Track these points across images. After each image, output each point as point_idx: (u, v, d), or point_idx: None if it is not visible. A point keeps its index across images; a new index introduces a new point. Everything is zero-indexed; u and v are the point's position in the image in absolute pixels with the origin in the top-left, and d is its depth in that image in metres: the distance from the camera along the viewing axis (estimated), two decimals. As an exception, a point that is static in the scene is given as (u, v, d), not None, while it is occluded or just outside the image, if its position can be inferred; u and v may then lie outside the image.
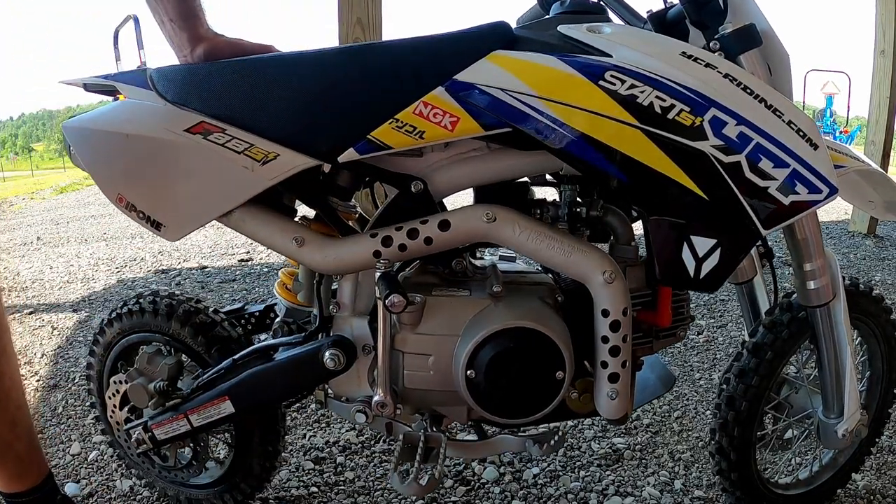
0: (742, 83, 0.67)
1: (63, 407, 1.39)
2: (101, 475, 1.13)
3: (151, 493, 1.06)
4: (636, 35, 0.73)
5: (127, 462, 1.05)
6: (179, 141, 0.75)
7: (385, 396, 0.74)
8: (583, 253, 0.71)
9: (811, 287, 0.83)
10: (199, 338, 0.94)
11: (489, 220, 0.73)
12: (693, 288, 0.72)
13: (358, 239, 0.76)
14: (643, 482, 1.08)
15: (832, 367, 0.86)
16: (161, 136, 0.76)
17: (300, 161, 0.76)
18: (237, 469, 1.00)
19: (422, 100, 0.72)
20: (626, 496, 1.04)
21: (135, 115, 0.79)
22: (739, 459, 0.92)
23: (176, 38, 0.81)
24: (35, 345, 1.75)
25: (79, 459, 1.19)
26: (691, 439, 1.20)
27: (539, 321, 0.71)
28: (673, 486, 1.07)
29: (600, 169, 0.70)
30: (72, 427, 1.30)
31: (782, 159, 0.66)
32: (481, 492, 1.06)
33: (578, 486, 1.06)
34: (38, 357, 1.67)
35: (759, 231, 0.67)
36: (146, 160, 0.77)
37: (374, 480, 1.10)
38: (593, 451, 1.15)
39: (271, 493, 1.07)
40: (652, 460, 1.13)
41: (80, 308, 2.08)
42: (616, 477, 1.08)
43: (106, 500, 1.06)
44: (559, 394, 0.72)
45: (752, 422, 0.91)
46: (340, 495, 1.06)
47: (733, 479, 0.93)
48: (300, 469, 1.13)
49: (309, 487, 1.08)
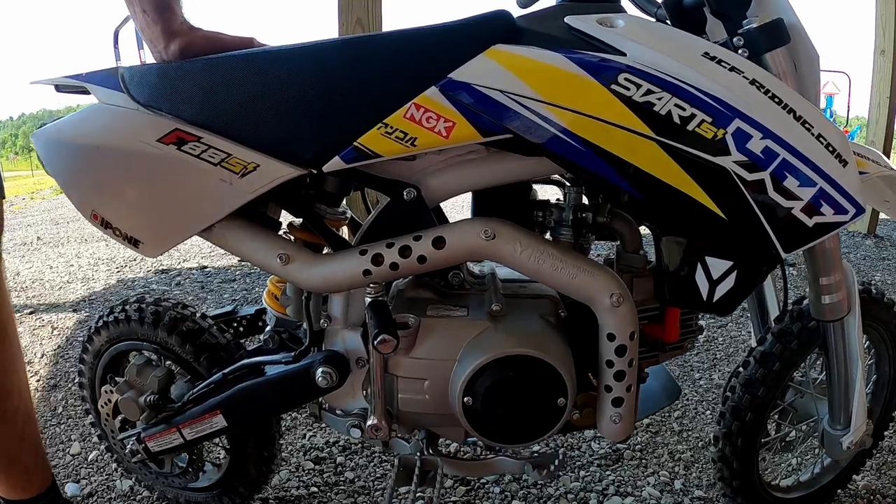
0: (770, 91, 0.60)
1: (63, 407, 1.38)
2: (101, 475, 1.13)
3: (151, 494, 1.06)
4: (653, 30, 0.65)
5: (125, 466, 1.05)
6: (152, 153, 0.69)
7: (379, 421, 0.71)
8: (589, 274, 0.67)
9: (826, 302, 0.79)
10: (187, 346, 0.91)
11: (488, 237, 0.67)
12: (704, 310, 0.68)
13: (346, 257, 0.71)
14: (643, 482, 1.07)
15: (841, 381, 0.82)
16: (132, 148, 0.69)
17: (282, 172, 0.70)
18: (234, 473, 0.99)
19: (413, 101, 0.65)
20: (626, 496, 1.04)
21: (105, 124, 0.72)
22: (742, 468, 0.91)
23: (149, 31, 0.73)
24: (35, 345, 1.73)
25: (79, 459, 1.18)
26: (691, 439, 1.19)
27: (540, 347, 0.67)
28: (673, 486, 1.06)
29: (611, 182, 0.64)
30: (72, 427, 1.30)
31: (809, 177, 0.60)
32: (481, 492, 1.06)
33: (578, 486, 1.06)
34: (38, 357, 1.66)
35: (779, 254, 0.62)
36: (118, 174, 0.71)
37: (374, 480, 1.09)
38: (593, 451, 1.14)
39: (271, 493, 1.07)
40: (652, 460, 1.12)
41: (80, 308, 2.06)
42: (616, 477, 1.08)
43: (106, 500, 1.06)
44: (560, 420, 0.69)
45: (757, 432, 0.89)
46: (340, 495, 1.06)
47: (735, 486, 0.92)
48: (300, 469, 1.13)
49: (309, 487, 1.08)
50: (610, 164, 0.63)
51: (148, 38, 0.74)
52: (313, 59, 0.69)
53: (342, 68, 0.68)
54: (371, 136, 0.67)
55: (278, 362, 0.78)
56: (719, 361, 1.52)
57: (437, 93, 0.65)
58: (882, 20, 3.02)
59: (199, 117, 0.71)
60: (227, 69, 0.70)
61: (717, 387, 1.39)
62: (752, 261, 0.63)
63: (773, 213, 0.61)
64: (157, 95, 0.73)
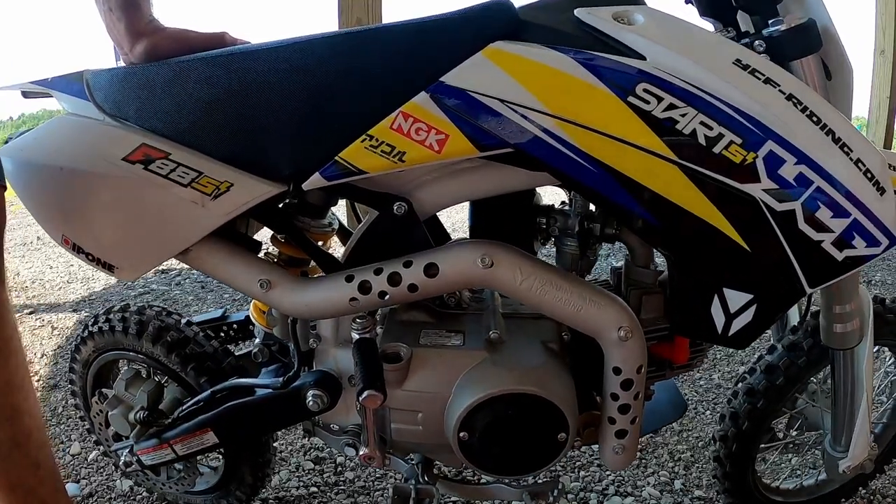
0: (808, 108, 0.52)
1: (63, 407, 1.36)
2: (101, 475, 1.12)
3: (150, 495, 1.06)
4: (677, 30, 0.56)
5: (122, 471, 1.04)
6: (117, 174, 0.63)
7: (372, 451, 0.68)
8: (596, 306, 0.61)
9: (837, 331, 0.73)
10: (173, 356, 0.87)
11: (486, 265, 0.61)
12: (718, 343, 0.62)
13: (331, 283, 0.66)
14: (643, 482, 1.06)
15: (846, 407, 0.78)
16: (96, 170, 0.63)
17: (257, 192, 0.64)
18: (230, 478, 0.98)
19: (400, 110, 0.58)
20: (626, 496, 1.03)
21: (69, 139, 0.66)
22: (736, 472, 0.89)
23: (114, 31, 0.66)
24: (35, 345, 1.71)
25: (79, 459, 1.17)
26: (691, 439, 1.17)
27: (540, 384, 0.62)
28: (673, 486, 1.06)
29: (623, 207, 0.57)
30: (72, 427, 1.28)
31: (844, 208, 0.53)
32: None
33: (578, 486, 1.05)
34: (38, 357, 1.63)
35: (803, 288, 0.56)
36: (84, 197, 0.65)
37: (374, 480, 1.09)
38: (593, 450, 1.13)
39: (271, 493, 1.07)
40: (652, 460, 1.11)
41: (80, 308, 2.02)
42: (616, 477, 1.07)
43: (106, 500, 1.07)
44: (560, 454, 0.66)
45: (754, 440, 0.87)
46: (340, 495, 1.05)
47: (727, 486, 0.91)
48: (300, 469, 1.12)
49: (309, 487, 1.08)
50: (624, 186, 0.56)
51: (115, 38, 0.67)
52: (288, 59, 0.61)
53: (321, 70, 0.60)
54: (354, 149, 0.60)
55: (267, 387, 0.75)
56: (719, 361, 1.49)
57: (428, 100, 0.58)
58: (882, 20, 2.97)
59: (168, 129, 0.65)
60: (194, 73, 0.63)
61: (717, 387, 1.37)
62: (774, 295, 0.58)
63: (801, 246, 0.54)
64: (122, 103, 0.66)
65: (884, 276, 2.14)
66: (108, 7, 0.65)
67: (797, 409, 0.92)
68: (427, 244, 0.67)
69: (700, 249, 0.57)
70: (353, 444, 0.76)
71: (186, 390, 0.89)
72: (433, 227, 0.70)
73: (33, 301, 2.13)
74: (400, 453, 0.75)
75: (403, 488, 0.73)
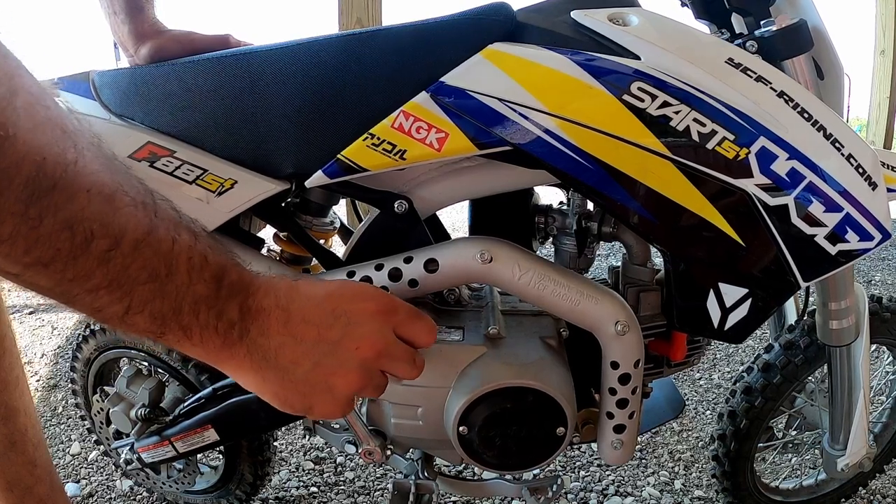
0: (799, 105, 0.53)
1: (63, 407, 1.37)
2: (101, 475, 1.13)
3: (151, 494, 1.06)
4: (670, 30, 0.58)
5: (122, 470, 1.05)
6: None
7: (372, 447, 0.69)
8: (593, 301, 0.62)
9: (833, 327, 0.74)
10: (174, 353, 0.88)
11: (484, 261, 0.62)
12: (714, 338, 0.63)
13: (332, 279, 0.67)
14: (643, 482, 1.06)
15: (843, 405, 0.79)
16: None
17: (260, 189, 0.65)
18: (230, 476, 0.99)
19: (402, 109, 0.59)
20: (626, 496, 1.03)
21: None
22: (735, 471, 0.90)
23: (119, 33, 0.68)
24: (35, 345, 1.72)
25: (79, 459, 1.18)
26: (691, 439, 1.18)
27: (539, 377, 0.63)
28: (673, 486, 1.06)
29: (619, 203, 0.58)
30: (72, 427, 1.29)
31: (836, 203, 0.54)
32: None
33: (578, 486, 1.05)
34: (38, 357, 1.64)
35: (797, 282, 0.57)
36: None
37: (374, 480, 1.09)
38: (593, 451, 1.13)
39: (271, 493, 1.07)
40: (652, 460, 1.12)
41: None
42: (616, 477, 1.07)
43: (106, 500, 1.07)
44: (559, 448, 0.66)
45: (752, 438, 0.87)
46: (340, 495, 1.06)
47: (725, 485, 0.91)
48: (300, 469, 1.13)
49: (309, 487, 1.08)
50: (620, 183, 0.57)
51: (119, 40, 0.69)
52: (291, 60, 0.62)
53: (324, 71, 0.61)
54: (356, 148, 0.61)
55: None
56: (719, 361, 1.49)
57: (428, 99, 0.59)
58: (882, 20, 3.00)
59: (173, 128, 0.66)
60: (199, 73, 0.64)
61: (717, 387, 1.38)
62: (769, 289, 0.59)
63: (795, 240, 0.56)
64: (128, 103, 0.67)
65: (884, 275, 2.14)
66: (113, 10, 0.67)
67: (796, 408, 0.92)
68: (427, 242, 0.68)
69: (695, 244, 0.58)
70: (353, 441, 0.77)
71: (188, 388, 0.89)
72: (433, 226, 0.71)
73: (33, 301, 2.14)
74: (400, 450, 0.76)
75: (403, 484, 0.74)
